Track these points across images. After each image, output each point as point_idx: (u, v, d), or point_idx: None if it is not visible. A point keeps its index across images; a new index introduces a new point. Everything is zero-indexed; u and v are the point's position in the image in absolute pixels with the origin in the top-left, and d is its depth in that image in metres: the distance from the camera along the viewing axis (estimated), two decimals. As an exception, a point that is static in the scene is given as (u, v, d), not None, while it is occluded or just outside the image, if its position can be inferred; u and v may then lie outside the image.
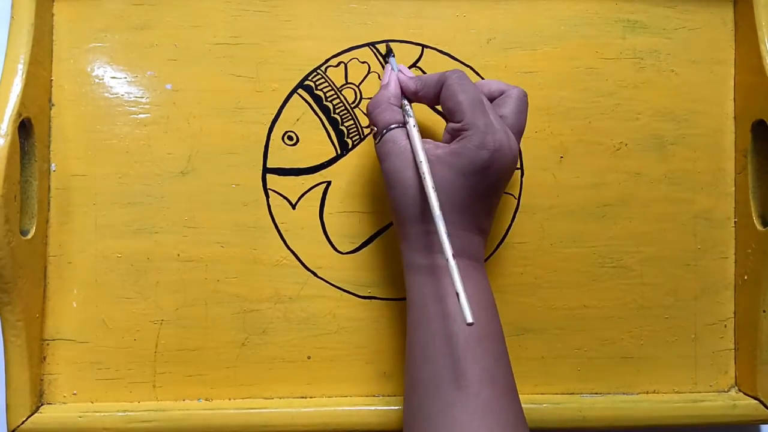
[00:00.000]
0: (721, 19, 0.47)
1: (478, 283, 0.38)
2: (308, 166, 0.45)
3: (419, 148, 0.37)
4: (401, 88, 0.41)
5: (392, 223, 0.45)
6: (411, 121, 0.39)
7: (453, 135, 0.38)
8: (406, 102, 0.40)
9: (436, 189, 0.36)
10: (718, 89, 0.47)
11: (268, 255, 0.45)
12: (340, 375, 0.45)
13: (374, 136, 0.40)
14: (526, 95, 0.40)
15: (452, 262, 0.34)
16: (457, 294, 0.33)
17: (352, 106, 0.45)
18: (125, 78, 0.45)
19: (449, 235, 0.35)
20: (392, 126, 0.39)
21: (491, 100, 0.40)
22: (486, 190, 0.38)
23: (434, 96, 0.40)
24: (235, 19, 0.45)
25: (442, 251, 0.36)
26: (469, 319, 0.32)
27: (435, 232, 0.36)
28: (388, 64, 0.43)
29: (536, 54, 0.46)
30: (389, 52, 0.44)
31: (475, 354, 0.36)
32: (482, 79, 0.46)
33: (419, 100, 0.41)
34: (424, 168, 0.36)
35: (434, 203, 0.35)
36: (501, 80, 0.46)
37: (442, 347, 0.36)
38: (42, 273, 0.44)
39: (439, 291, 0.37)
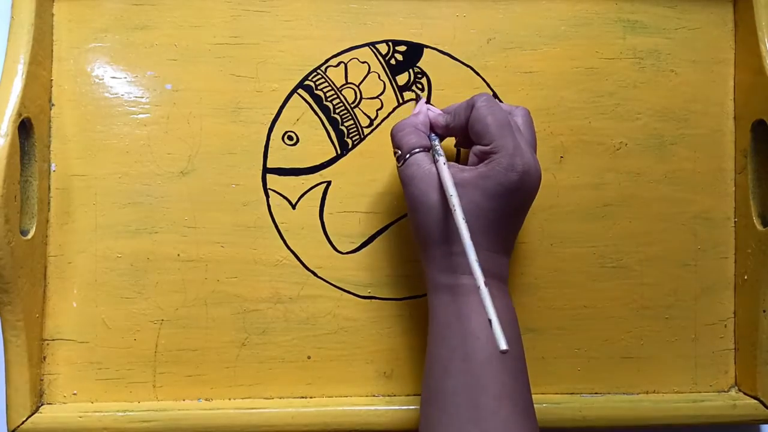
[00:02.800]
0: (721, 19, 0.47)
1: (503, 303, 0.38)
2: (308, 166, 0.45)
3: (446, 176, 0.37)
4: (431, 123, 0.41)
5: (392, 223, 0.45)
6: (441, 159, 0.39)
7: (481, 157, 0.38)
8: (434, 138, 0.40)
9: (465, 212, 0.36)
10: (718, 89, 0.47)
11: (268, 255, 0.45)
12: (340, 375, 0.45)
13: (398, 160, 0.40)
14: (530, 113, 0.41)
15: (484, 290, 0.34)
16: (490, 321, 0.33)
17: (352, 106, 0.45)
18: (125, 78, 0.45)
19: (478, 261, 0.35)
20: (416, 150, 0.39)
21: (469, 116, 0.40)
22: (513, 211, 0.38)
23: (465, 122, 0.39)
24: (235, 19, 0.45)
25: (466, 273, 0.36)
26: (503, 347, 0.32)
27: (459, 254, 0.37)
28: (419, 102, 0.44)
29: (536, 54, 0.46)
30: (418, 96, 0.45)
31: (494, 372, 0.36)
32: (483, 79, 0.46)
33: (450, 133, 0.41)
34: (455, 201, 0.36)
35: (465, 235, 0.35)
36: (501, 80, 0.46)
37: (463, 364, 0.36)
38: (42, 273, 0.44)
39: (462, 310, 0.37)
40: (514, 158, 0.37)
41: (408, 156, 0.39)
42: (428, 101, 0.45)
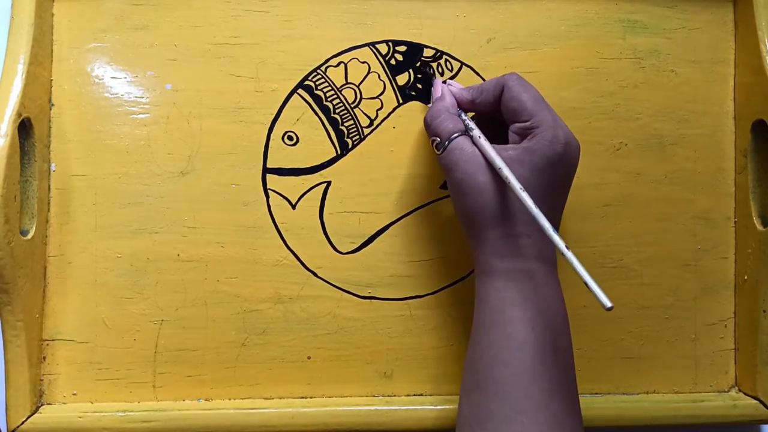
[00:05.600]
0: (721, 19, 0.47)
1: (556, 289, 0.38)
2: (308, 166, 0.45)
3: (494, 155, 0.37)
4: (456, 99, 0.41)
5: (392, 223, 0.45)
6: (476, 132, 0.39)
7: (521, 134, 0.38)
8: (463, 114, 0.41)
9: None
10: (718, 89, 0.47)
11: (268, 255, 0.45)
12: (340, 375, 0.45)
13: (437, 147, 0.40)
14: (518, 75, 0.40)
15: (569, 254, 0.34)
16: (586, 283, 0.33)
17: (352, 106, 0.45)
18: (125, 78, 0.45)
19: (544, 231, 0.35)
20: (455, 135, 0.39)
21: (500, 96, 0.40)
22: (559, 184, 0.39)
23: (493, 101, 0.40)
24: (235, 19, 0.45)
25: (523, 255, 0.37)
26: (608, 304, 0.32)
27: (516, 235, 0.37)
28: (435, 81, 0.44)
29: (536, 54, 0.46)
30: (432, 73, 0.45)
31: (548, 365, 0.36)
32: (483, 79, 0.46)
33: (476, 108, 0.41)
34: (506, 173, 0.36)
35: (530, 204, 0.35)
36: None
37: (517, 352, 0.36)
38: (42, 273, 0.44)
39: (518, 296, 0.37)
40: (556, 130, 0.37)
41: (447, 143, 0.39)
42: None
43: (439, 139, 0.40)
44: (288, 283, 0.45)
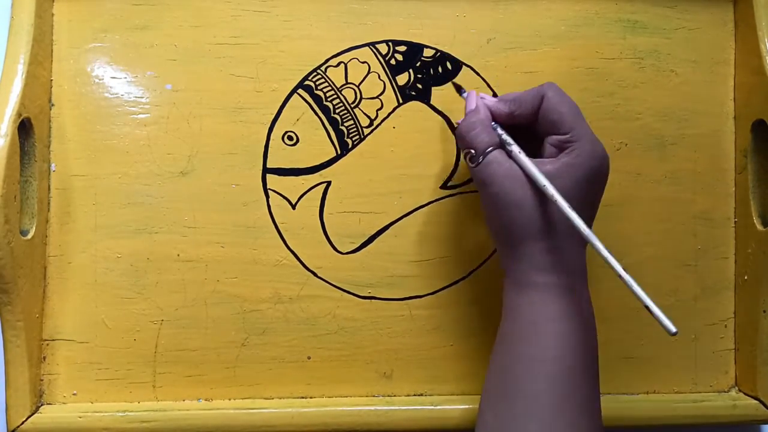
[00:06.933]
0: (721, 19, 0.47)
1: (590, 307, 0.38)
2: (308, 166, 0.45)
3: (537, 172, 0.37)
4: (491, 113, 0.40)
5: (392, 223, 0.45)
6: (515, 147, 0.38)
7: (559, 147, 0.38)
8: (498, 127, 0.40)
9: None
10: (718, 89, 0.47)
11: (268, 255, 0.45)
12: (340, 375, 0.45)
13: (470, 160, 0.39)
14: (556, 85, 0.40)
15: (627, 277, 0.34)
16: (648, 308, 0.34)
17: (352, 106, 0.45)
18: (125, 78, 0.45)
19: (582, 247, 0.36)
20: (491, 148, 0.39)
21: (538, 107, 0.39)
22: (594, 198, 0.39)
23: (531, 112, 0.39)
24: (235, 19, 0.45)
25: (565, 270, 0.37)
26: (673, 329, 0.33)
27: (557, 249, 0.37)
28: (469, 94, 0.42)
29: (536, 54, 0.46)
30: (461, 89, 0.43)
31: (579, 382, 0.36)
32: (483, 79, 0.46)
33: (513, 121, 0.40)
34: (551, 191, 0.36)
35: (580, 223, 0.35)
36: (501, 80, 0.46)
37: (549, 367, 0.36)
38: (42, 273, 0.44)
39: (553, 310, 0.37)
40: (595, 145, 0.37)
41: (482, 157, 0.38)
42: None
43: (474, 152, 0.39)
44: (288, 283, 0.45)
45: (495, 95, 0.46)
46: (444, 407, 0.44)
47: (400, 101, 0.46)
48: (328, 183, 0.45)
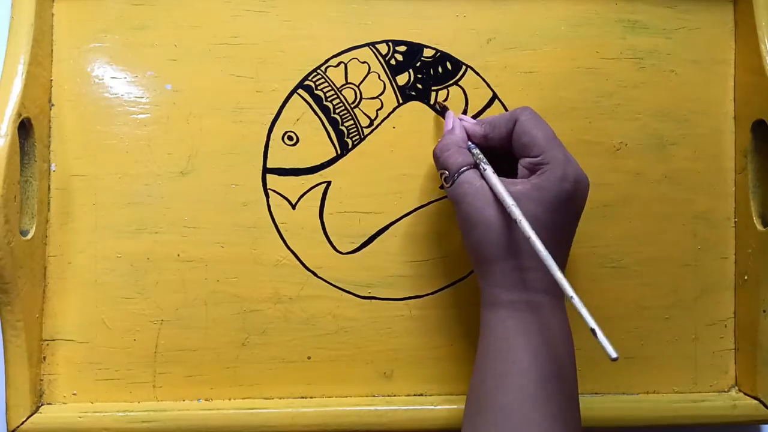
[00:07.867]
0: (721, 19, 0.47)
1: (562, 321, 0.38)
2: (308, 166, 0.45)
3: (503, 192, 0.37)
4: (468, 134, 0.41)
5: (392, 223, 0.45)
6: (488, 168, 0.39)
7: (531, 169, 0.38)
8: (474, 148, 0.40)
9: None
10: (718, 89, 0.47)
11: (268, 255, 0.45)
12: (340, 375, 0.45)
13: (445, 180, 0.40)
14: (531, 110, 0.40)
15: (577, 301, 0.34)
16: (593, 331, 0.33)
17: (352, 106, 0.45)
18: (125, 78, 0.45)
19: (550, 271, 0.35)
20: (464, 168, 0.39)
21: (512, 130, 0.40)
22: (567, 222, 0.39)
23: (505, 135, 0.40)
24: (235, 19, 0.45)
25: (529, 288, 0.37)
26: (614, 355, 0.33)
27: (523, 269, 0.37)
28: (447, 114, 0.44)
29: (536, 54, 0.46)
30: (444, 109, 0.45)
31: (550, 391, 0.36)
32: (483, 79, 0.46)
33: (488, 143, 0.41)
34: (516, 212, 0.36)
35: (539, 245, 0.35)
36: (501, 80, 0.46)
37: (519, 380, 0.36)
38: (42, 273, 0.44)
39: (522, 325, 0.37)
40: (566, 168, 0.37)
41: (456, 176, 0.39)
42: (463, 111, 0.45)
43: (447, 172, 0.40)
44: (288, 283, 0.45)
45: (495, 95, 0.46)
46: (444, 407, 0.44)
47: (400, 101, 0.46)
48: (328, 183, 0.45)
